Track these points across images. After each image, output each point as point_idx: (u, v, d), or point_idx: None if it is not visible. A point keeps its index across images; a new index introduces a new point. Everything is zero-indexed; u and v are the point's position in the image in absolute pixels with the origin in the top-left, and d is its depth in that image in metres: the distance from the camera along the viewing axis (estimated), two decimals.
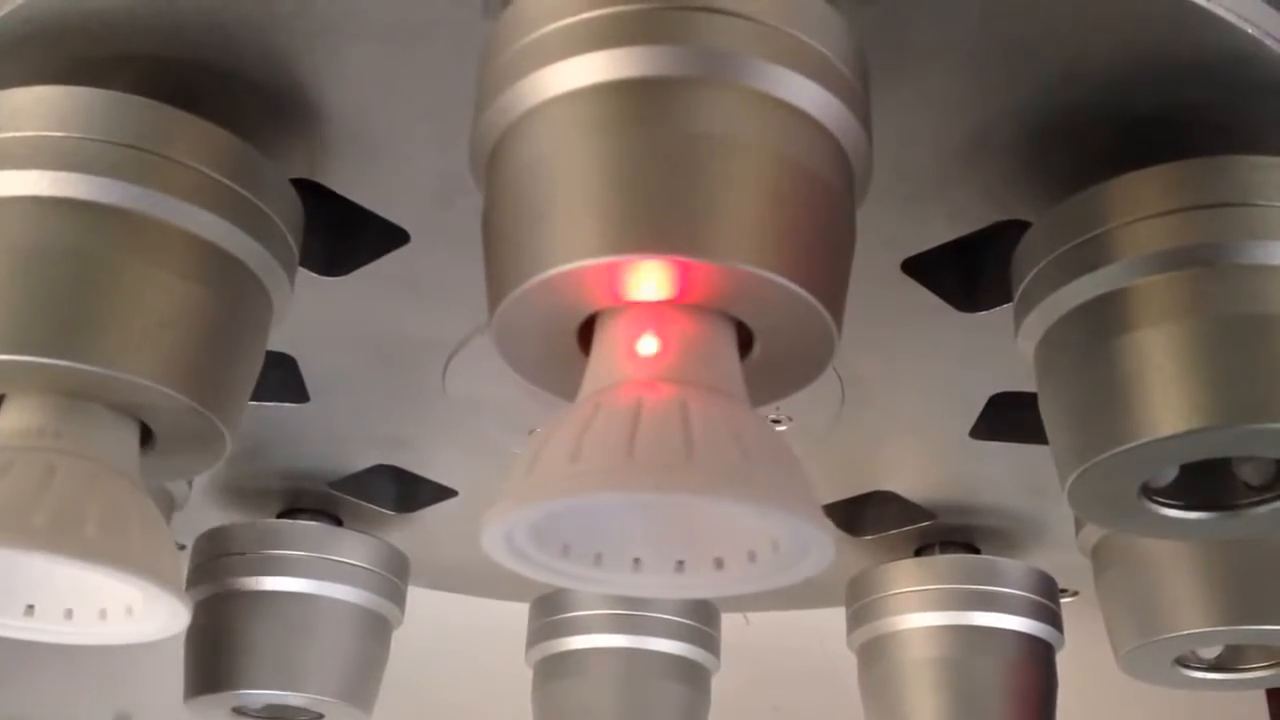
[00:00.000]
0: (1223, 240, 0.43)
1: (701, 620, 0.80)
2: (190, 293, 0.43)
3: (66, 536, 0.39)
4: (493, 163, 0.39)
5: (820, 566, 0.38)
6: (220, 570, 0.70)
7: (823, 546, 0.37)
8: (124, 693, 0.83)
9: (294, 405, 0.64)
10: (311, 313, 0.57)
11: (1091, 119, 0.47)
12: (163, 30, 0.44)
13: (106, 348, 0.41)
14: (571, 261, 0.35)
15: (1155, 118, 0.47)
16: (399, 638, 0.76)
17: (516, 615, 0.80)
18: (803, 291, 0.37)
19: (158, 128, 0.43)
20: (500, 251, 0.38)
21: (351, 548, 0.72)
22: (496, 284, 0.38)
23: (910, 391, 0.63)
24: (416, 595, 0.78)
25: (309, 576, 0.71)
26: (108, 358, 0.41)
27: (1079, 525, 0.66)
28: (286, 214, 0.46)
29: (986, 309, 0.56)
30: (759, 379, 0.39)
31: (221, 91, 0.46)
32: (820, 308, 0.37)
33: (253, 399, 0.47)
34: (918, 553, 0.78)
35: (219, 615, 0.70)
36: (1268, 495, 0.48)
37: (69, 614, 0.44)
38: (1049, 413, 0.47)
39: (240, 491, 0.73)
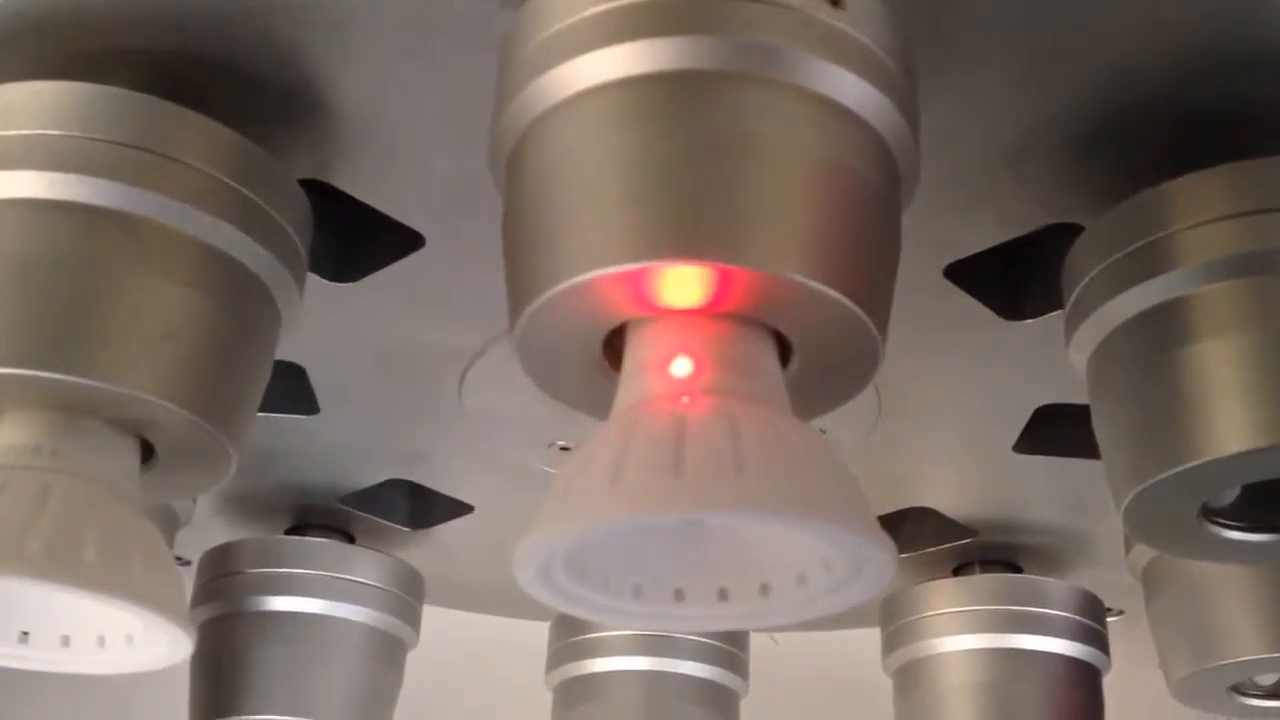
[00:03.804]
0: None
1: (729, 642, 0.77)
2: (193, 301, 0.40)
3: (63, 563, 0.37)
4: (514, 162, 0.37)
5: (878, 586, 0.35)
6: (227, 589, 0.68)
7: (881, 565, 0.34)
8: (130, 705, 0.80)
9: (303, 417, 0.61)
10: (322, 321, 0.54)
11: (1146, 117, 0.45)
12: (162, 23, 0.42)
13: (106, 361, 0.38)
14: (600, 267, 0.33)
15: (1214, 115, 0.45)
16: (413, 659, 0.73)
17: (537, 634, 0.77)
18: (846, 300, 0.34)
19: (158, 125, 0.40)
20: (522, 257, 0.35)
21: (364, 566, 0.70)
22: (518, 292, 0.35)
23: (951, 403, 0.60)
24: (432, 614, 0.75)
25: (319, 596, 0.68)
26: (107, 371, 0.38)
27: (1129, 545, 0.63)
28: (295, 218, 0.43)
29: (1033, 317, 0.53)
30: (798, 393, 0.37)
31: (225, 88, 0.44)
32: (864, 317, 0.35)
33: (261, 410, 0.45)
34: (956, 571, 0.75)
35: (225, 636, 0.67)
36: None
37: (66, 641, 0.42)
38: (1103, 429, 0.44)
39: (248, 506, 0.71)
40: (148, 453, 0.42)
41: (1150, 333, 0.42)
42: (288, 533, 0.72)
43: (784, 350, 0.37)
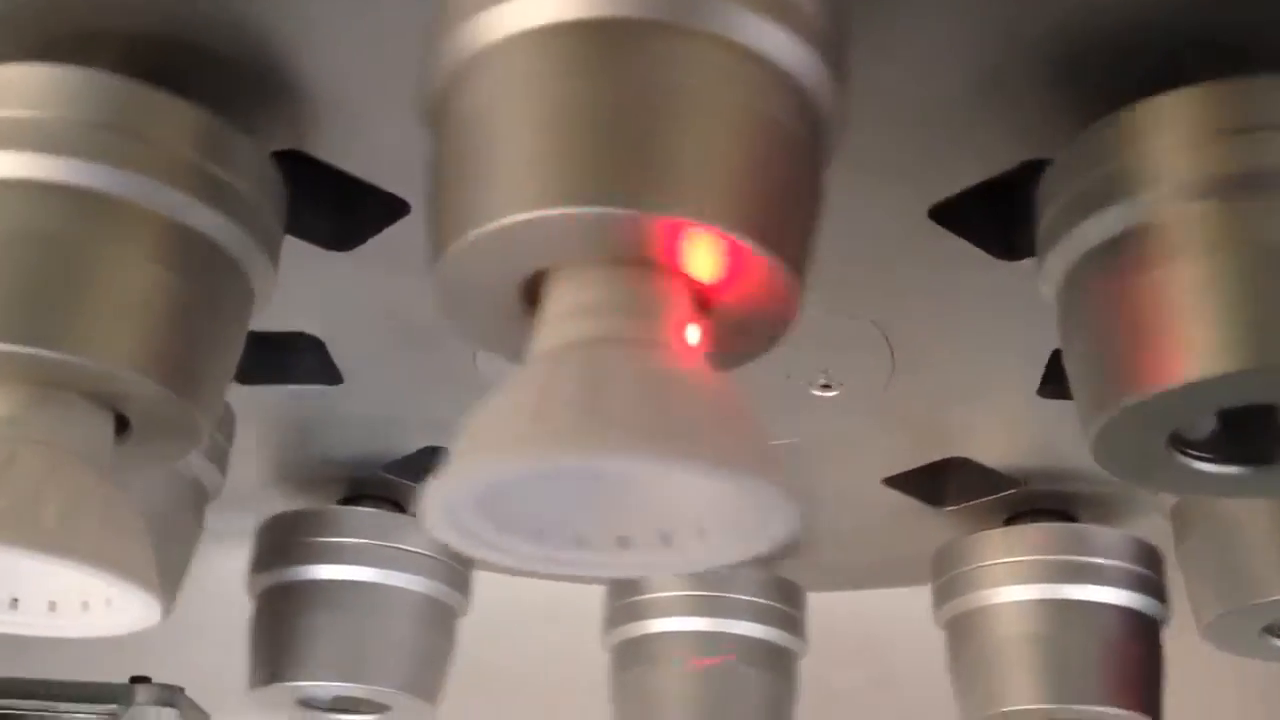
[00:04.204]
0: (1266, 167, 0.39)
1: (785, 602, 0.78)
2: (162, 276, 0.41)
3: (20, 527, 0.39)
4: (439, 108, 0.38)
5: (782, 534, 0.35)
6: (282, 558, 0.70)
7: (786, 516, 0.35)
8: (142, 657, 0.83)
9: (330, 388, 0.63)
10: (334, 292, 0.56)
11: (1124, 44, 0.44)
12: (136, 6, 0.44)
13: (77, 335, 0.40)
14: (518, 212, 0.34)
15: (1193, 44, 0.44)
16: (468, 623, 0.75)
17: (588, 597, 0.78)
18: (764, 250, 0.35)
19: (126, 105, 0.42)
20: (444, 202, 0.36)
21: (415, 535, 0.71)
22: (439, 236, 0.36)
23: (964, 349, 0.59)
24: (485, 579, 0.76)
25: (372, 564, 0.70)
26: (78, 345, 0.40)
27: None
28: (265, 192, 0.45)
29: (1026, 256, 0.52)
30: (720, 342, 0.37)
31: (194, 65, 0.45)
32: (783, 266, 0.35)
33: (286, 381, 0.46)
34: (1008, 522, 0.73)
35: (281, 604, 0.70)
36: None
37: (52, 606, 0.44)
38: (1071, 362, 0.44)
39: (300, 479, 0.73)
40: (122, 425, 0.44)
41: (1114, 260, 0.41)
42: (341, 503, 0.74)
43: (705, 300, 0.37)
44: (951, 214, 0.51)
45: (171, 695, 0.59)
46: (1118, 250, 0.41)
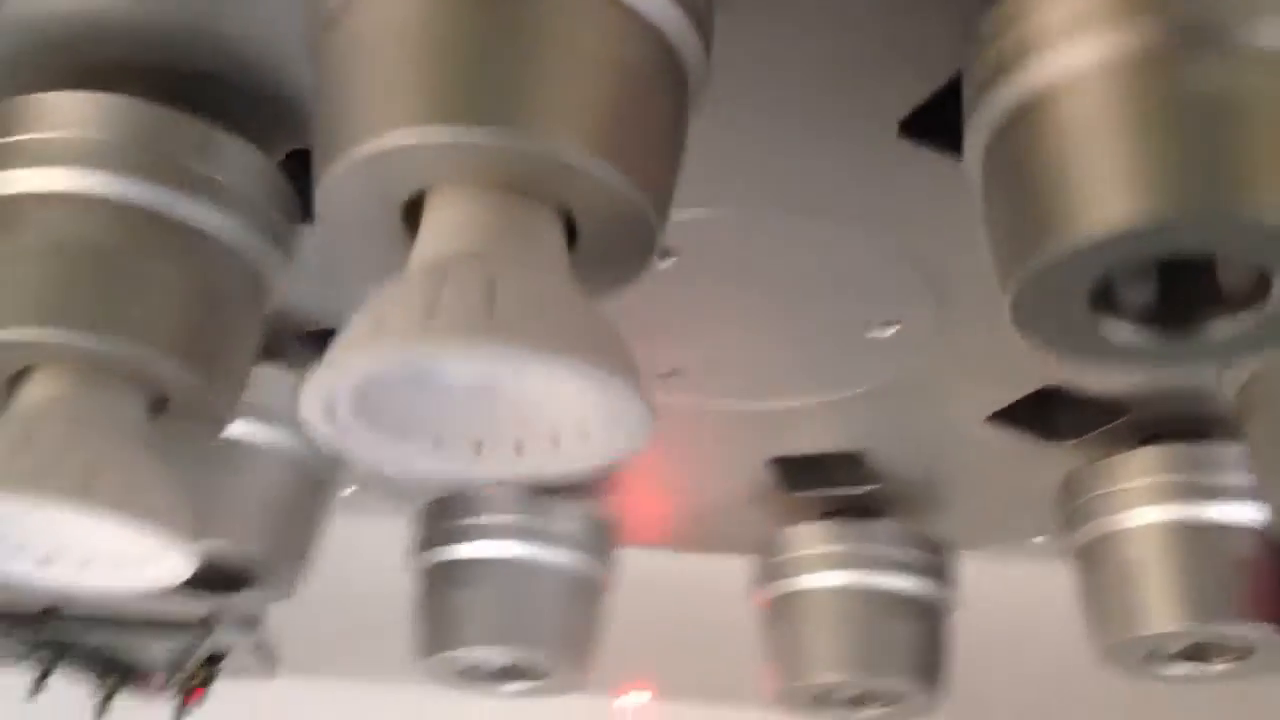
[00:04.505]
0: (1181, 20, 0.39)
1: (934, 553, 0.79)
2: (184, 273, 0.48)
3: (48, 479, 0.45)
4: (324, 40, 0.41)
5: (640, 437, 0.39)
6: (443, 536, 0.77)
7: (640, 416, 0.38)
8: None
9: None
10: None
11: None
12: (154, 41, 0.51)
13: (112, 323, 0.47)
14: (394, 133, 0.37)
15: None
16: (622, 599, 0.80)
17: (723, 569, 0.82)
18: (621, 177, 0.38)
19: (146, 126, 0.49)
20: (323, 130, 0.40)
21: (562, 513, 0.77)
22: (320, 162, 0.39)
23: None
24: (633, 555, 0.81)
25: (526, 540, 0.76)
26: (113, 332, 0.47)
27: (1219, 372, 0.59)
28: (274, 196, 0.51)
29: None
30: (586, 270, 0.40)
31: (205, 88, 0.52)
32: (639, 195, 0.39)
33: None
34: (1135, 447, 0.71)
35: (443, 579, 0.77)
36: (1229, 313, 0.42)
37: (85, 562, 0.51)
38: (990, 236, 0.43)
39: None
40: (159, 407, 0.50)
41: (1029, 122, 0.41)
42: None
43: (571, 226, 0.40)
44: (920, 128, 0.51)
45: (252, 624, 0.65)
46: (1031, 112, 0.41)
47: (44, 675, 0.63)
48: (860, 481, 0.77)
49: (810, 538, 0.78)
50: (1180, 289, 0.44)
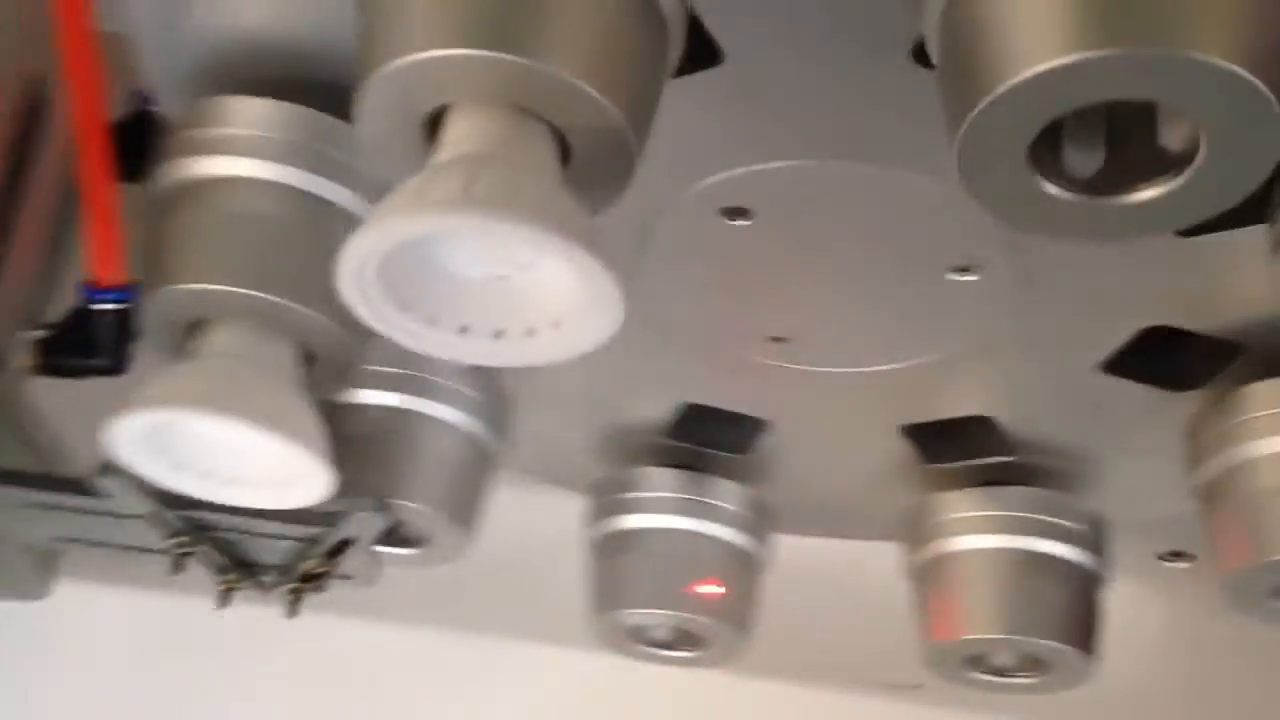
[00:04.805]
0: None
1: (1085, 523, 0.81)
2: (323, 239, 0.58)
3: (220, 399, 0.57)
4: None
5: (610, 322, 0.46)
6: (607, 510, 0.85)
7: (613, 299, 0.46)
8: None
9: None
10: None
11: None
12: (310, 61, 0.61)
13: (276, 282, 0.59)
14: (414, 54, 0.45)
15: None
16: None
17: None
18: (603, 96, 0.45)
19: (299, 124, 0.61)
20: (361, 53, 0.48)
21: (720, 492, 0.84)
22: (358, 81, 0.47)
23: None
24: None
25: (688, 515, 0.83)
26: (278, 290, 0.59)
27: None
28: None
29: None
30: (577, 185, 0.47)
31: (339, 92, 0.60)
32: (618, 112, 0.46)
33: None
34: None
35: (611, 547, 0.85)
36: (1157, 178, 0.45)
37: (234, 479, 0.62)
38: (944, 104, 0.46)
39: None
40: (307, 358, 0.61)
41: None
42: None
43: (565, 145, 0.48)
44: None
45: (383, 510, 0.72)
46: None
47: (183, 557, 0.73)
48: (997, 450, 0.79)
49: (963, 502, 0.81)
50: (1125, 163, 0.46)
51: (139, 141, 0.66)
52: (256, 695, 1.14)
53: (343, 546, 0.72)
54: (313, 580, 0.74)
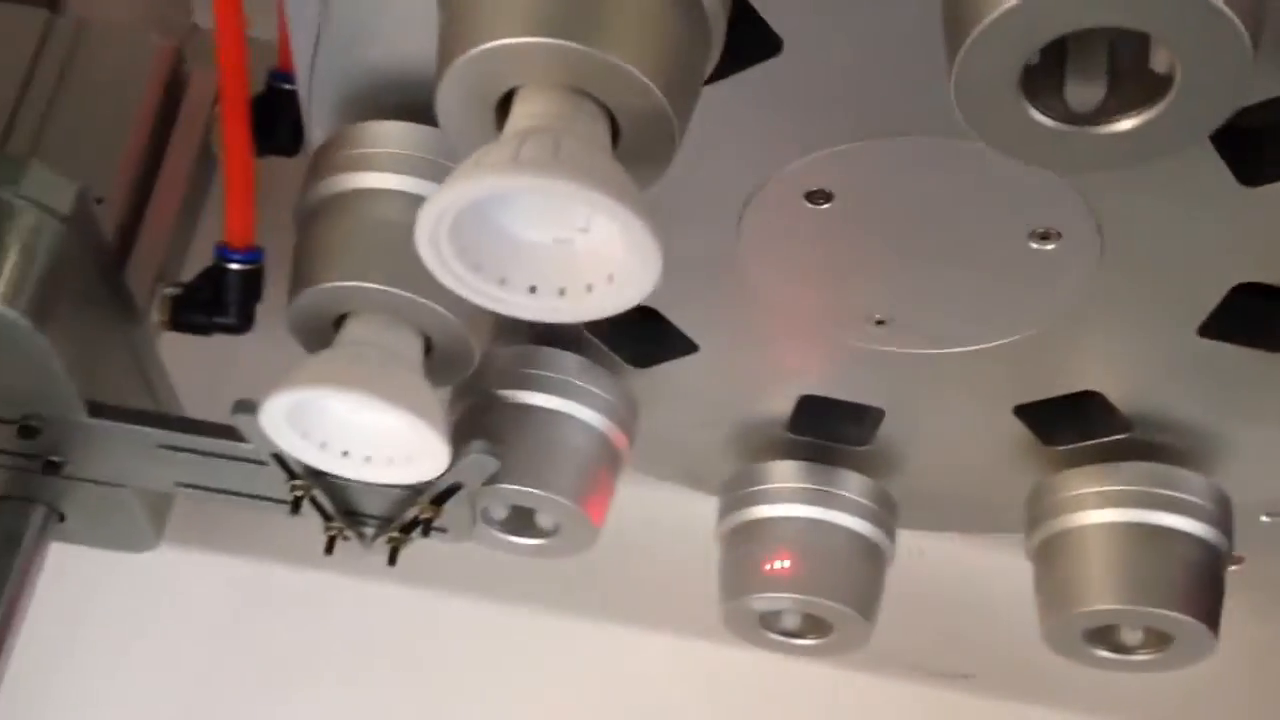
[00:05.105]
0: None
1: (1215, 503, 0.81)
2: None
3: (368, 381, 0.65)
4: None
5: (652, 274, 0.51)
6: (736, 504, 0.90)
7: (655, 254, 0.51)
8: None
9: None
10: None
11: None
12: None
13: (404, 280, 0.67)
14: (486, 42, 0.50)
15: None
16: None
17: None
18: (653, 84, 0.51)
19: (424, 143, 0.70)
20: (441, 44, 0.53)
21: (846, 482, 0.88)
22: (437, 71, 0.52)
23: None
24: None
25: (814, 505, 0.88)
26: (405, 287, 0.67)
27: None
28: None
29: None
30: (627, 161, 0.52)
31: None
32: (663, 95, 0.51)
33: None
34: None
35: (741, 537, 0.89)
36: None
37: (368, 459, 0.70)
38: (946, 48, 0.49)
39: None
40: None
41: None
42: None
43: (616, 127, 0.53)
44: None
45: (491, 455, 0.76)
46: None
47: (298, 501, 0.79)
48: (1112, 427, 0.81)
49: (1085, 479, 0.82)
50: (1125, 98, 0.49)
51: (270, 117, 0.75)
52: (343, 664, 1.19)
53: (450, 492, 0.78)
54: (412, 528, 0.80)
